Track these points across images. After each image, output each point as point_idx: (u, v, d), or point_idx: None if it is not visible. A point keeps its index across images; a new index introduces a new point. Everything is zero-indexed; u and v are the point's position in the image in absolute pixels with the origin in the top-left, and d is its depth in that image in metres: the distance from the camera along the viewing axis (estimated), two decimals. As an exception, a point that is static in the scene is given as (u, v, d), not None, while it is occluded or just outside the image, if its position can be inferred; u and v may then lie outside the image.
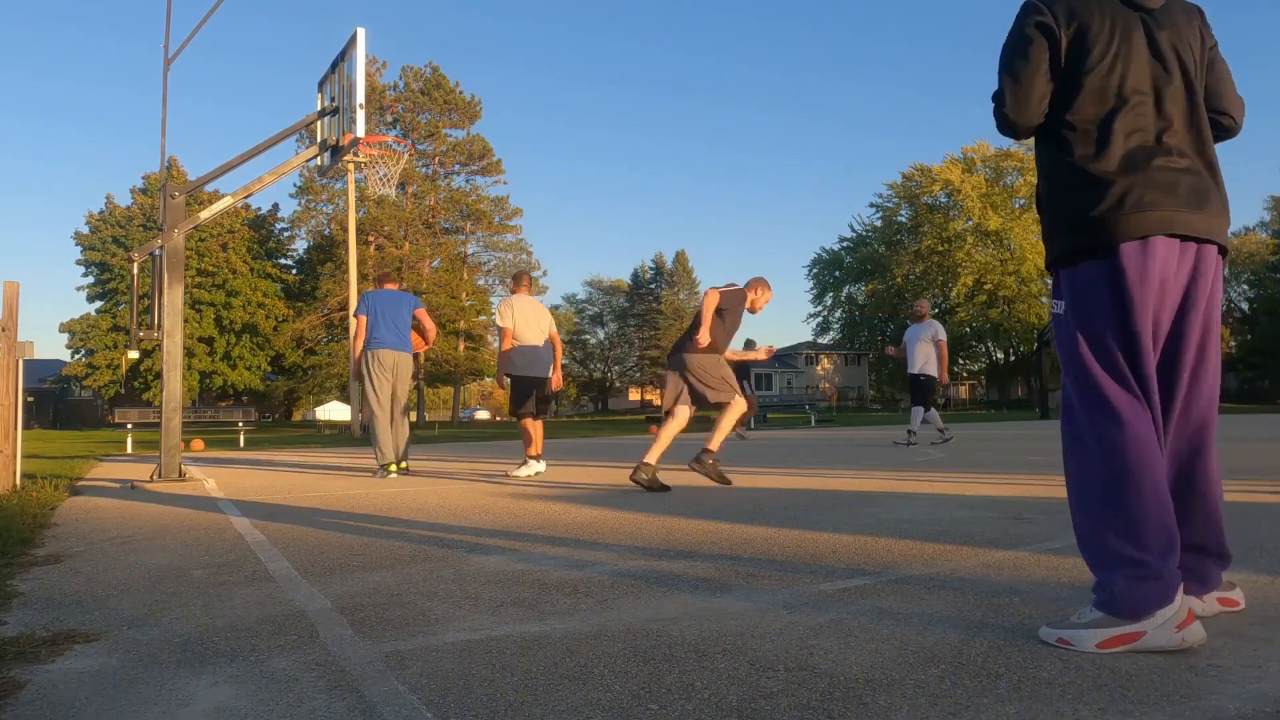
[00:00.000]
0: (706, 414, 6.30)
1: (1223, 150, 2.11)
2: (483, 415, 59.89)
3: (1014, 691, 1.59)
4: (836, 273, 58.60)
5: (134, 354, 7.47)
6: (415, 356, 7.85)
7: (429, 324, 7.79)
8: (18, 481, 6.24)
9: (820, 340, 63.04)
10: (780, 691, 1.61)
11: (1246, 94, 2.25)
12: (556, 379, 7.62)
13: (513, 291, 7.57)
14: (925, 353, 10.73)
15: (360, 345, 7.51)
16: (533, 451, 7.23)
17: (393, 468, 7.31)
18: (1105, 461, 1.87)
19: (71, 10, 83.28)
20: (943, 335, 10.84)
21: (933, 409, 10.90)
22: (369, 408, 7.46)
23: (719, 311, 5.71)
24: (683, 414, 5.70)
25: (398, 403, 7.44)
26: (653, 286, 73.43)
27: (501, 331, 7.34)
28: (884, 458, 8.76)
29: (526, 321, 7.25)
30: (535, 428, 7.23)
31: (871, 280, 54.15)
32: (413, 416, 38.09)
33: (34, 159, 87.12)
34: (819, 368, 66.76)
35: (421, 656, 1.89)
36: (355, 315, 7.64)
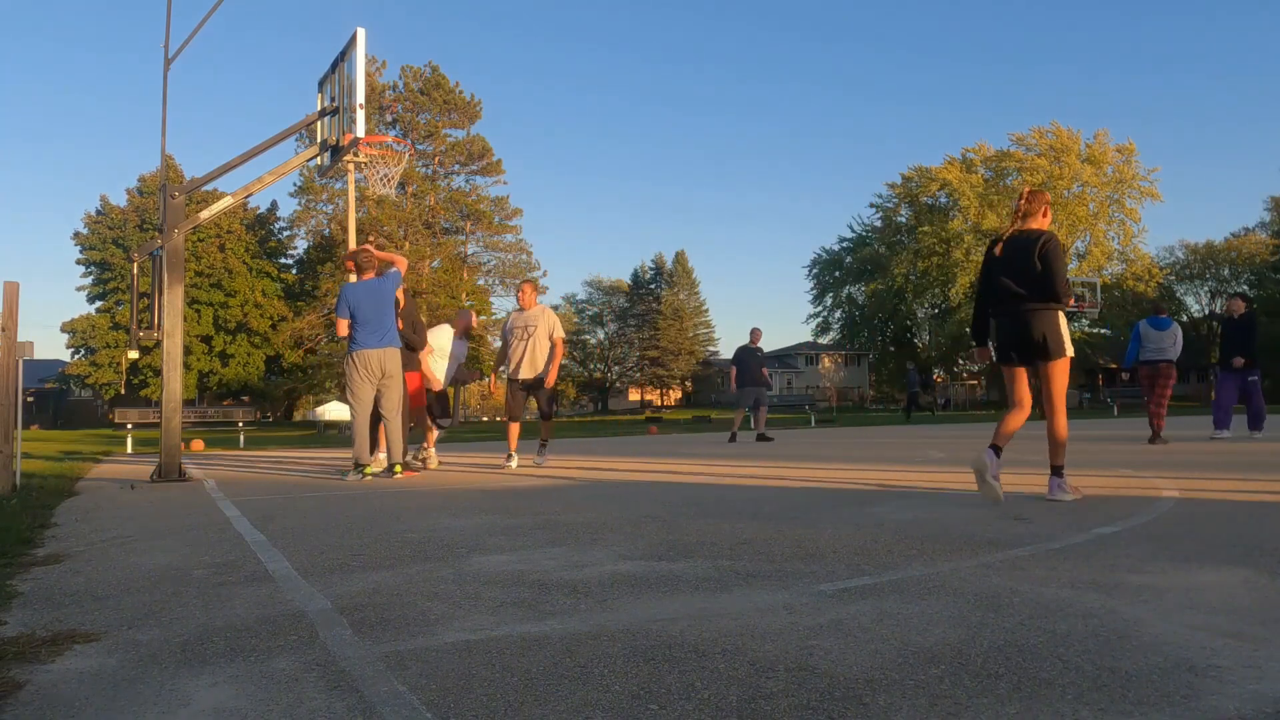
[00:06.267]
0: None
1: (1223, 149, 2.12)
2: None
3: (1014, 691, 1.59)
4: (836, 273, 58.58)
5: (134, 354, 7.47)
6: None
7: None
8: (18, 481, 6.24)
9: (820, 340, 63.04)
10: (780, 691, 1.61)
11: (1246, 96, 2.25)
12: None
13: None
14: None
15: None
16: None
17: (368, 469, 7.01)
18: None
19: (71, 9, 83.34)
20: None
21: None
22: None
23: None
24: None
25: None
26: (653, 287, 73.40)
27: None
28: (884, 457, 8.76)
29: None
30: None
31: (872, 280, 54.13)
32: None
33: (34, 159, 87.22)
34: (819, 368, 66.76)
35: (421, 656, 1.89)
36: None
